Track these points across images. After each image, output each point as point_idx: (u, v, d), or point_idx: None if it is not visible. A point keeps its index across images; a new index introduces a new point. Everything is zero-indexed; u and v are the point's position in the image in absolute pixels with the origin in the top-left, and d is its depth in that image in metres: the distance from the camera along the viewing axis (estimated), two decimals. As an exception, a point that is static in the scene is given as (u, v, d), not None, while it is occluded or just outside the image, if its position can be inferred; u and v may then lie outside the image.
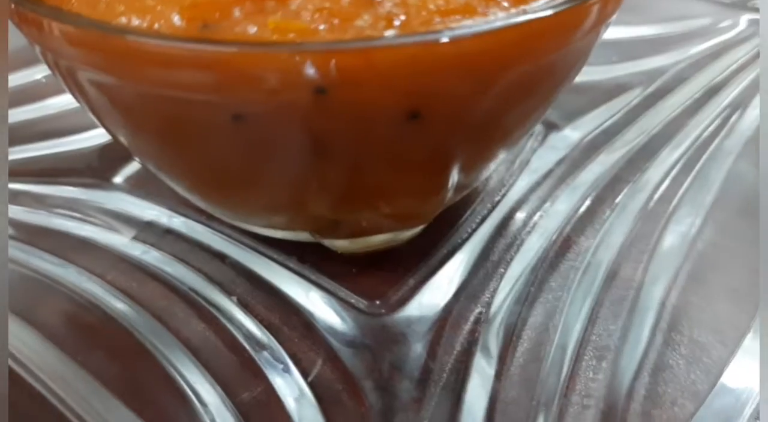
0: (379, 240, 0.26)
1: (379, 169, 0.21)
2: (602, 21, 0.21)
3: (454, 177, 0.23)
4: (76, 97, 0.22)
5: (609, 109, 0.35)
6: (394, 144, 0.20)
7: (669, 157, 0.31)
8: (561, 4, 0.19)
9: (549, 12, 0.18)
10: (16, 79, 0.36)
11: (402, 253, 0.28)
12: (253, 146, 0.20)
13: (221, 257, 0.27)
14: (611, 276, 0.27)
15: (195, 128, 0.20)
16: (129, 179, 0.31)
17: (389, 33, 0.17)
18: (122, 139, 0.23)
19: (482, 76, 0.19)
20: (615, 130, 0.34)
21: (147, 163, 0.24)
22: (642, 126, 0.34)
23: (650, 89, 0.36)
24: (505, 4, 0.18)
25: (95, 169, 0.31)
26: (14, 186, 0.29)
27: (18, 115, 0.34)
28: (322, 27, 0.17)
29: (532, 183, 0.32)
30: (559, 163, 0.33)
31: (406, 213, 0.24)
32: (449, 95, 0.19)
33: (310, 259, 0.27)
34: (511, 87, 0.20)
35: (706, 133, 0.32)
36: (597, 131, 0.34)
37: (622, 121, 0.34)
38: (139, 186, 0.31)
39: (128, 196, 0.30)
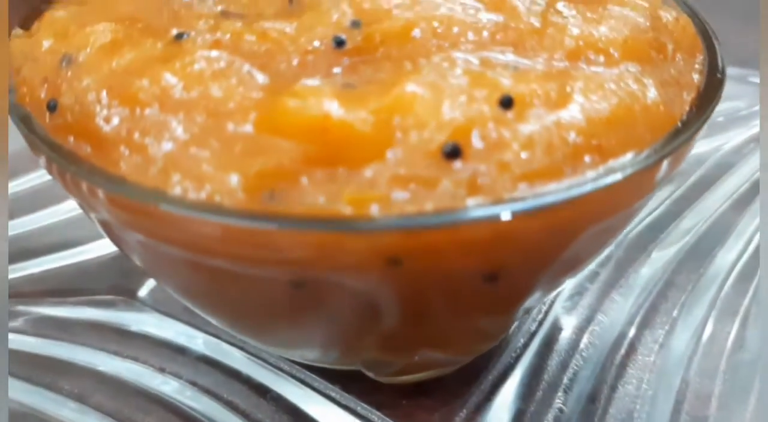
0: (429, 372, 0.24)
1: (445, 323, 0.19)
2: (683, 157, 0.20)
3: (521, 313, 0.22)
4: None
5: (652, 201, 0.34)
6: (465, 302, 0.18)
7: (723, 260, 0.30)
8: (649, 156, 0.17)
9: (639, 166, 0.17)
10: (20, 184, 0.33)
11: (451, 379, 0.26)
12: (311, 307, 0.18)
13: (261, 390, 0.25)
14: (677, 408, 0.25)
15: (249, 291, 0.18)
16: (154, 292, 0.29)
17: (472, 202, 0.15)
18: (159, 282, 0.22)
19: (566, 235, 0.17)
20: (661, 226, 0.32)
21: (181, 300, 0.23)
22: (689, 222, 0.32)
23: (692, 178, 0.34)
24: (588, 159, 0.17)
25: (118, 283, 0.29)
26: (34, 309, 0.27)
27: (25, 224, 0.31)
28: (399, 196, 0.15)
29: (578, 287, 0.30)
30: (604, 263, 0.31)
31: (466, 351, 0.23)
32: (529, 256, 0.17)
33: (355, 389, 0.25)
34: (591, 236, 0.18)
35: (759, 234, 0.31)
36: (641, 226, 0.33)
37: (668, 214, 0.33)
38: (167, 300, 0.29)
39: (155, 315, 0.28)
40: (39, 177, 0.33)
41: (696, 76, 0.20)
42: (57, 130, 0.18)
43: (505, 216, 0.15)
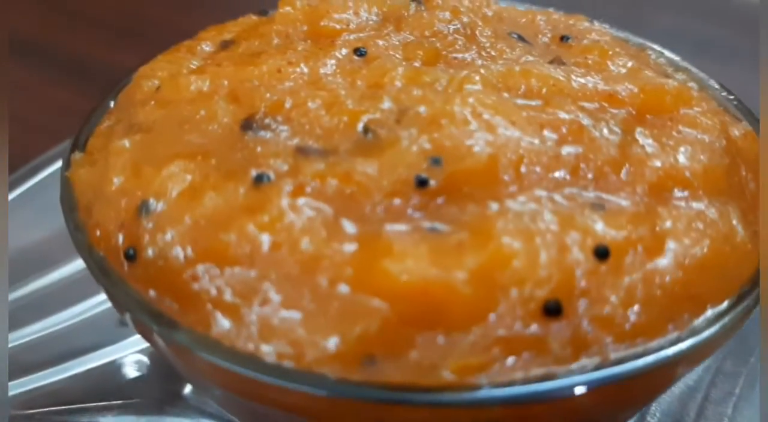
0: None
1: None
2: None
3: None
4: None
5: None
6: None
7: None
8: (743, 296, 0.17)
9: (739, 313, 0.17)
10: (59, 274, 0.32)
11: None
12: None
13: None
14: None
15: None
16: (196, 391, 0.29)
17: (578, 366, 0.15)
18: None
19: (665, 382, 0.17)
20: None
21: None
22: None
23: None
24: (688, 310, 0.16)
25: (161, 384, 0.28)
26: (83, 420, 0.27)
27: (64, 319, 0.30)
28: (503, 361, 0.15)
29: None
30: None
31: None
32: (626, 405, 0.17)
33: None
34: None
35: None
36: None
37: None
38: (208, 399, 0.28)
39: (201, 418, 0.27)
40: (78, 265, 0.33)
41: (770, 198, 0.20)
42: (137, 280, 0.17)
43: (617, 379, 0.15)
